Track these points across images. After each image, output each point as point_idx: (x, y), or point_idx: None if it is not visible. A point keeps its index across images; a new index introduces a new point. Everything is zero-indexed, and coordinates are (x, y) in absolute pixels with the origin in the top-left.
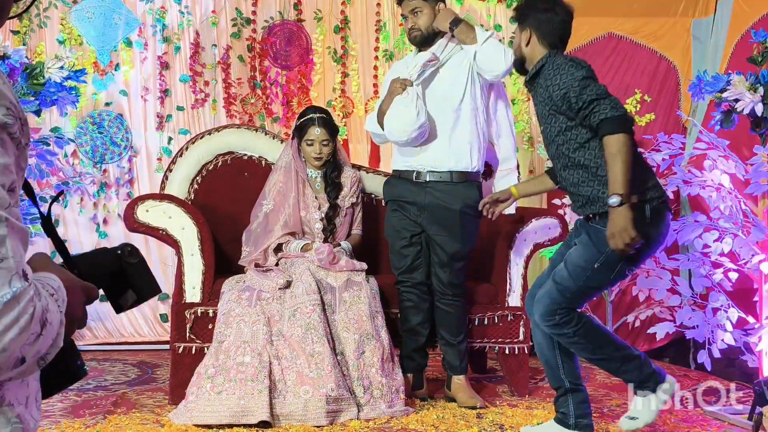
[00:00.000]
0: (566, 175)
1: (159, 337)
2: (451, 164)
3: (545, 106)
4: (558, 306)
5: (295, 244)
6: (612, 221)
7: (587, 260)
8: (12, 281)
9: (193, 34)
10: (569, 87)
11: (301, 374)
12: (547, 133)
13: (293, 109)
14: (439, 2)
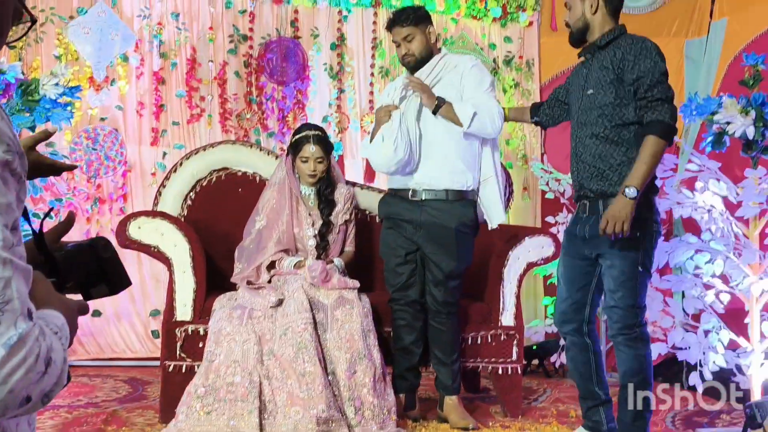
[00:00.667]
0: (591, 143)
1: (150, 353)
2: (447, 183)
3: (608, 74)
4: (635, 320)
5: (288, 261)
6: (618, 207)
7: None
8: (17, 322)
9: (190, 50)
10: (648, 74)
11: (292, 394)
12: (593, 98)
13: (289, 124)
14: (429, 25)
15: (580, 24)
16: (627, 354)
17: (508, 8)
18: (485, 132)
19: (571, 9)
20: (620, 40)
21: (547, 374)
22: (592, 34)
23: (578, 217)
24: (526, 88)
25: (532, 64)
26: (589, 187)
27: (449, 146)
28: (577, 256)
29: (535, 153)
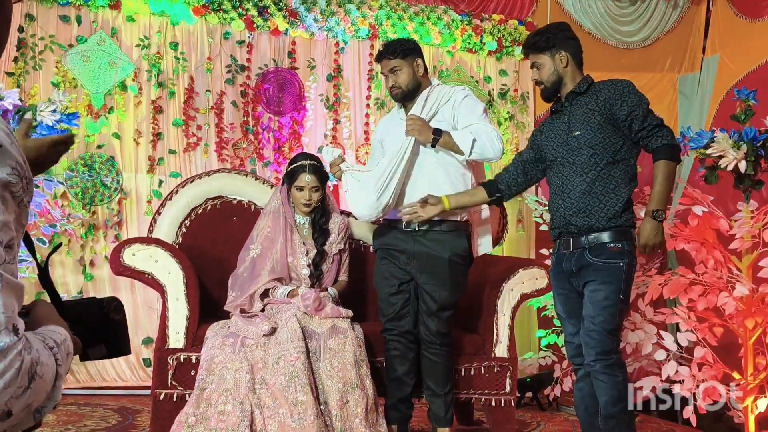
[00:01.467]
0: (580, 181)
1: (141, 381)
2: (445, 213)
3: (594, 116)
4: (612, 346)
5: (282, 290)
6: (650, 231)
7: (613, 295)
8: (0, 336)
9: (188, 80)
10: (637, 107)
11: (283, 424)
12: (581, 138)
13: (285, 154)
14: (417, 58)
15: (554, 78)
16: (607, 382)
17: (504, 42)
18: (487, 157)
19: (540, 68)
20: (597, 85)
21: (541, 407)
22: (565, 86)
23: (561, 254)
24: (521, 120)
25: (527, 97)
26: (576, 223)
27: (441, 177)
28: (570, 291)
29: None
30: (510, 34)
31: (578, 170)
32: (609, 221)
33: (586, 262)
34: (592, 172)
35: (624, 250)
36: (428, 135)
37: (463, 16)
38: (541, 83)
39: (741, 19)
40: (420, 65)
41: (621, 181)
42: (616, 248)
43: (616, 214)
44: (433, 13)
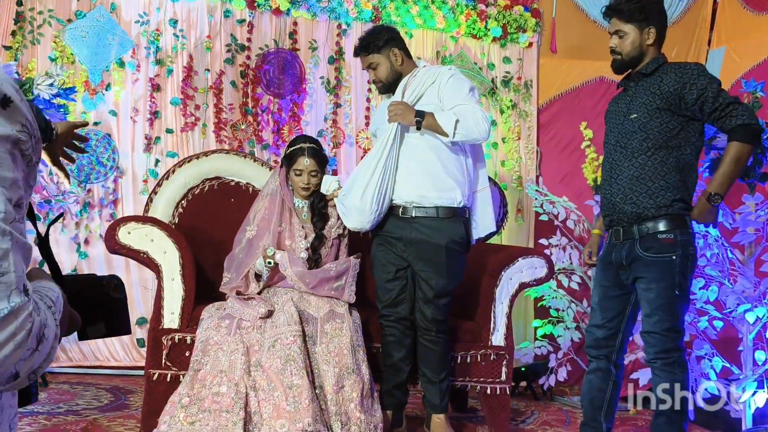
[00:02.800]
0: (629, 166)
1: (135, 362)
2: (436, 200)
3: (655, 100)
4: (672, 345)
5: (258, 261)
6: (701, 212)
7: (666, 292)
8: (11, 296)
9: (187, 58)
10: (706, 88)
11: (278, 407)
12: (636, 122)
13: (284, 137)
14: (393, 48)
15: (636, 53)
16: (663, 379)
17: (509, 29)
18: (472, 137)
19: (622, 37)
20: (665, 68)
21: (535, 396)
22: (641, 63)
23: (612, 245)
24: (523, 109)
25: (531, 86)
26: (623, 210)
27: (436, 163)
28: (613, 284)
29: (530, 175)
30: (515, 21)
31: (628, 154)
32: (659, 209)
33: (636, 255)
34: (642, 157)
35: (677, 240)
36: (411, 118)
37: (468, 0)
38: (618, 54)
39: (748, 12)
40: (398, 54)
41: (672, 168)
42: (668, 239)
43: (665, 202)
44: None
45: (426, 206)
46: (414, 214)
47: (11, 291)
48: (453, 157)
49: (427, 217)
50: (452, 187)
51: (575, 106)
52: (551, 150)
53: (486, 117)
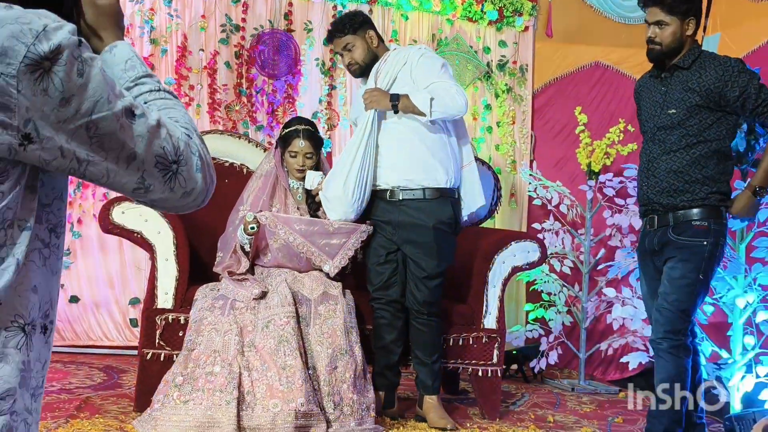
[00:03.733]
0: (667, 159)
1: (128, 342)
2: (422, 181)
3: (693, 96)
4: (682, 327)
5: (239, 232)
6: (745, 205)
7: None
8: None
9: (181, 38)
10: (747, 86)
11: (271, 387)
12: (674, 117)
13: (278, 118)
14: (368, 30)
15: (675, 45)
16: (668, 361)
17: (505, 12)
18: (449, 114)
19: (664, 28)
20: (703, 62)
21: (526, 379)
22: (678, 54)
23: (646, 233)
24: (518, 93)
25: (526, 70)
26: (659, 201)
27: (418, 145)
28: (653, 272)
29: (524, 159)
30: (511, 4)
31: (666, 148)
32: (694, 201)
33: (668, 240)
34: (680, 151)
35: (710, 228)
36: (386, 102)
37: None
38: (658, 44)
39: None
40: (373, 36)
41: (709, 161)
42: (702, 226)
43: (702, 194)
44: None
45: (413, 188)
46: (401, 197)
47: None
48: (435, 137)
49: (414, 200)
50: (437, 168)
51: (570, 91)
52: (545, 135)
53: (461, 91)
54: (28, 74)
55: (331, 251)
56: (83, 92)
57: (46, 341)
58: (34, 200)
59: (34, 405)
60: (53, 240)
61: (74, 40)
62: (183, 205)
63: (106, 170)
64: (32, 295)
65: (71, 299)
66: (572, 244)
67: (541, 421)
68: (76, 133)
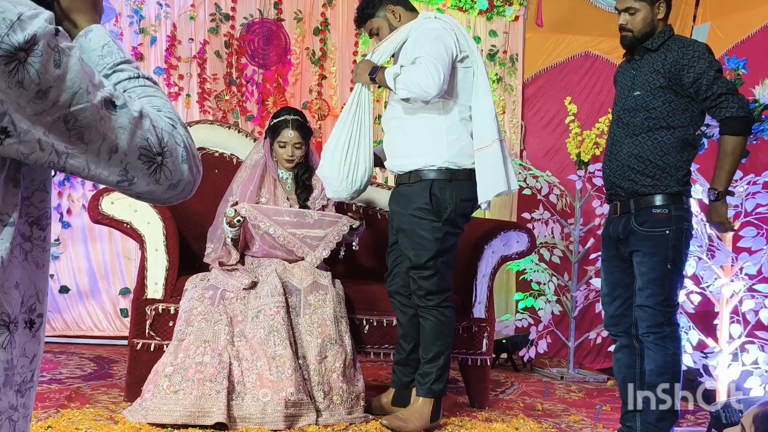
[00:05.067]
0: (629, 142)
1: (118, 332)
2: (408, 165)
3: (658, 78)
4: (663, 319)
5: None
6: (715, 213)
7: (659, 266)
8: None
9: (170, 27)
10: (704, 74)
11: (261, 377)
12: (639, 100)
13: (268, 108)
14: (387, 6)
15: (647, 29)
16: (656, 353)
17: (495, 2)
18: (414, 94)
19: (634, 14)
20: (670, 44)
21: (515, 368)
22: (647, 37)
23: (610, 219)
24: (509, 83)
25: (516, 59)
26: (621, 186)
27: (405, 126)
28: (616, 258)
29: (514, 149)
30: None
31: (629, 131)
32: (655, 187)
33: (631, 229)
34: (642, 135)
35: (671, 215)
36: (366, 76)
37: None
38: (629, 31)
39: None
40: (395, 11)
41: (672, 148)
42: (662, 214)
43: (662, 182)
44: None
45: (401, 173)
46: (396, 183)
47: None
48: (428, 116)
49: (402, 185)
50: (420, 150)
51: (560, 81)
52: (535, 124)
53: (434, 71)
54: (2, 66)
55: (312, 243)
56: (61, 83)
57: (33, 335)
58: (18, 194)
59: (21, 400)
60: (36, 233)
61: (50, 29)
62: (169, 197)
63: (86, 163)
64: (14, 291)
65: (61, 289)
66: (561, 233)
67: (530, 409)
68: (54, 126)
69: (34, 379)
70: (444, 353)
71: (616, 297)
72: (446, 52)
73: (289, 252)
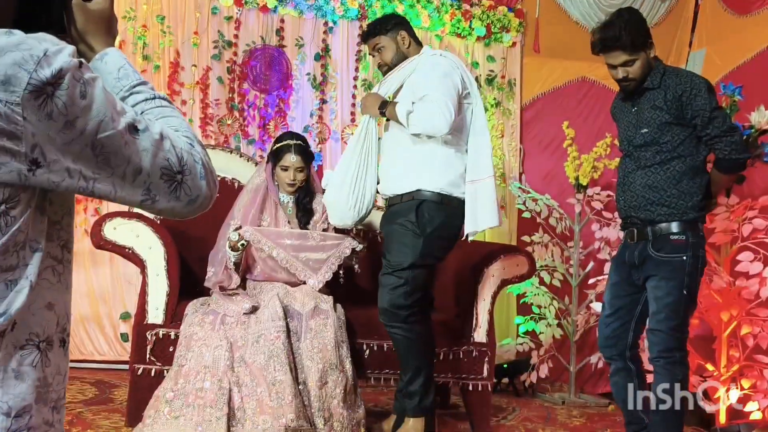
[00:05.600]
0: (642, 174)
1: (119, 356)
2: (401, 188)
3: (662, 114)
4: (675, 344)
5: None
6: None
7: (675, 291)
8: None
9: (173, 54)
10: (700, 112)
11: (261, 403)
12: (647, 136)
13: (270, 132)
14: (400, 30)
15: (647, 71)
16: (664, 377)
17: (493, 28)
18: (426, 131)
19: (633, 64)
20: (668, 80)
21: (517, 393)
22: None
23: (626, 245)
24: (507, 107)
25: (514, 84)
26: (638, 216)
27: (402, 153)
28: (625, 283)
29: (513, 172)
30: (499, 21)
31: (641, 164)
32: (672, 215)
33: (648, 255)
34: (654, 167)
35: (688, 242)
36: (375, 110)
37: (453, 0)
38: (632, 80)
39: (729, 14)
40: (405, 37)
41: (684, 176)
42: (680, 240)
43: (678, 209)
44: None
45: (392, 195)
46: (388, 205)
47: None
48: (423, 147)
49: (392, 205)
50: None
51: (558, 105)
52: (534, 148)
53: (445, 109)
54: (32, 101)
55: (314, 266)
56: (87, 113)
57: (64, 354)
58: (44, 221)
59: (56, 416)
60: (66, 255)
61: (75, 63)
62: (189, 212)
63: (112, 186)
64: (47, 312)
65: None
66: (561, 256)
67: None
68: (82, 153)
69: (65, 396)
70: (423, 368)
71: (616, 319)
72: (454, 89)
73: (291, 275)
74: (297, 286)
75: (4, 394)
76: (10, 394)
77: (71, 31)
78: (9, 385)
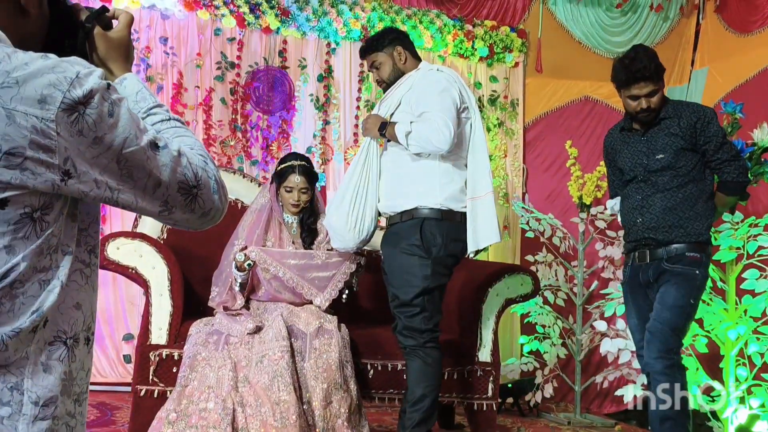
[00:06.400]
0: (661, 197)
1: (121, 378)
2: (401, 206)
3: (677, 140)
4: (674, 346)
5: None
6: None
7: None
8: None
9: (177, 75)
10: (712, 139)
11: (265, 423)
12: (664, 161)
13: (273, 153)
14: (397, 46)
15: (664, 101)
16: (667, 384)
17: (495, 49)
18: (426, 150)
19: (656, 95)
20: (677, 109)
21: (522, 413)
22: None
23: (637, 266)
24: (510, 127)
25: (517, 104)
26: (655, 237)
27: (400, 172)
28: (644, 302)
29: (516, 192)
30: (501, 41)
31: (659, 188)
32: (687, 236)
33: (663, 270)
34: (673, 190)
35: (702, 261)
36: (375, 131)
37: (456, 21)
38: (653, 110)
39: (730, 34)
40: (402, 53)
41: (698, 198)
42: (695, 257)
43: (694, 230)
44: (426, 17)
45: (392, 213)
46: (388, 224)
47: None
48: (422, 164)
49: (393, 225)
50: (414, 192)
51: (560, 125)
52: (537, 168)
53: (444, 127)
54: (65, 117)
55: (320, 284)
56: (114, 130)
57: (88, 351)
58: (75, 227)
59: (78, 409)
60: (92, 260)
61: (104, 84)
62: (202, 224)
63: (134, 197)
64: (75, 312)
65: None
66: (565, 275)
67: None
68: (109, 167)
69: (87, 391)
70: (429, 396)
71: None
72: (453, 104)
73: (296, 295)
74: (301, 306)
75: (34, 384)
76: (39, 386)
77: (93, 58)
78: (38, 377)
